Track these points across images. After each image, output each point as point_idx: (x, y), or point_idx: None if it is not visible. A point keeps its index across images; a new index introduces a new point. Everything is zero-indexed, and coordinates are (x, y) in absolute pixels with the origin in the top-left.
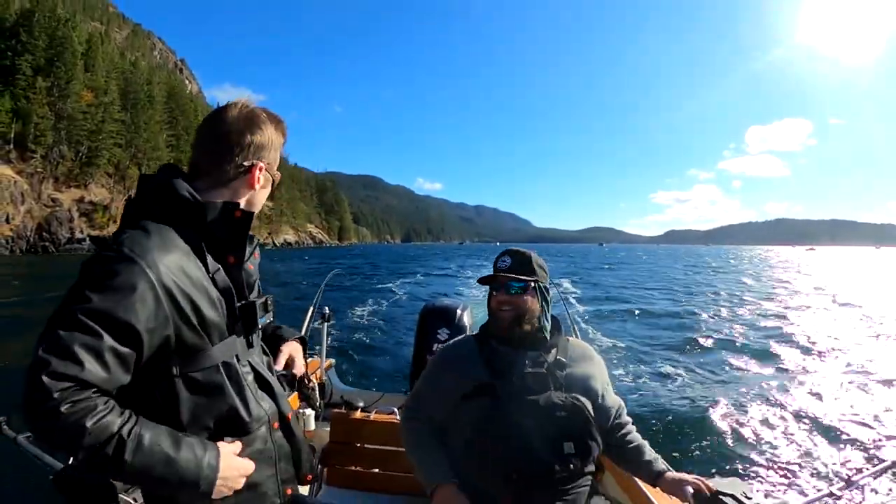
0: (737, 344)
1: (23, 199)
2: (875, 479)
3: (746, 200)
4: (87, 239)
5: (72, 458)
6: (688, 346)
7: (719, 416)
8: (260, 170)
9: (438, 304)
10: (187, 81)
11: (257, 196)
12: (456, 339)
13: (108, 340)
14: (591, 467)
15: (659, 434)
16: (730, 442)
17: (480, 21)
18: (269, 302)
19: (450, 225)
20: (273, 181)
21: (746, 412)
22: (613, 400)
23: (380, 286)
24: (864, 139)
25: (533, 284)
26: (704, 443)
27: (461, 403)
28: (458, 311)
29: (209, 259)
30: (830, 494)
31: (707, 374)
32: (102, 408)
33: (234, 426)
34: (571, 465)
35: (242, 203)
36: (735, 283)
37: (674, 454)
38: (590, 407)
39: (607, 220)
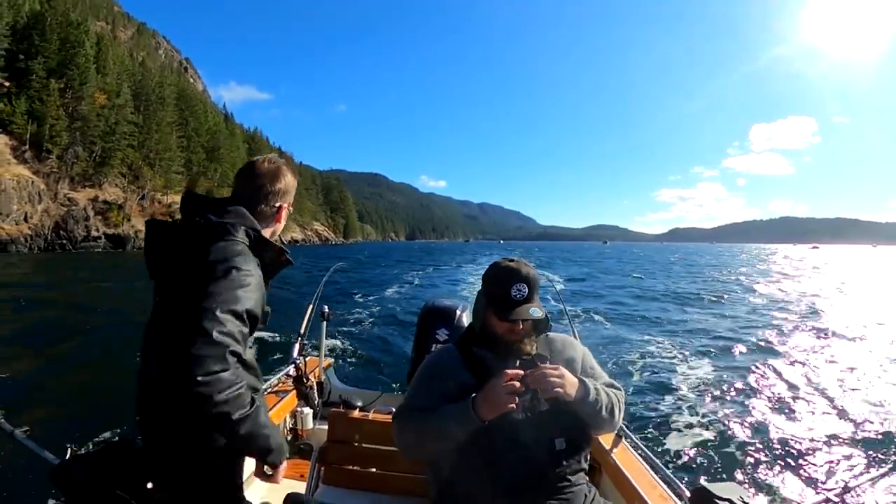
0: (732, 347)
1: (40, 199)
2: (873, 484)
3: (751, 198)
4: (103, 237)
5: (68, 453)
6: (682, 349)
7: (717, 420)
8: (283, 209)
9: (438, 303)
10: (192, 80)
11: (279, 228)
12: (436, 350)
13: (245, 329)
14: (585, 464)
15: (655, 439)
16: (727, 446)
17: (485, 21)
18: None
19: (454, 223)
20: (289, 214)
21: (744, 416)
22: (605, 380)
23: (382, 285)
24: (868, 137)
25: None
26: (701, 447)
27: None
28: (458, 312)
29: None
30: (827, 500)
31: (703, 377)
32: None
33: (257, 392)
34: (564, 462)
35: (269, 234)
36: (733, 283)
37: (670, 457)
38: None
39: (611, 218)
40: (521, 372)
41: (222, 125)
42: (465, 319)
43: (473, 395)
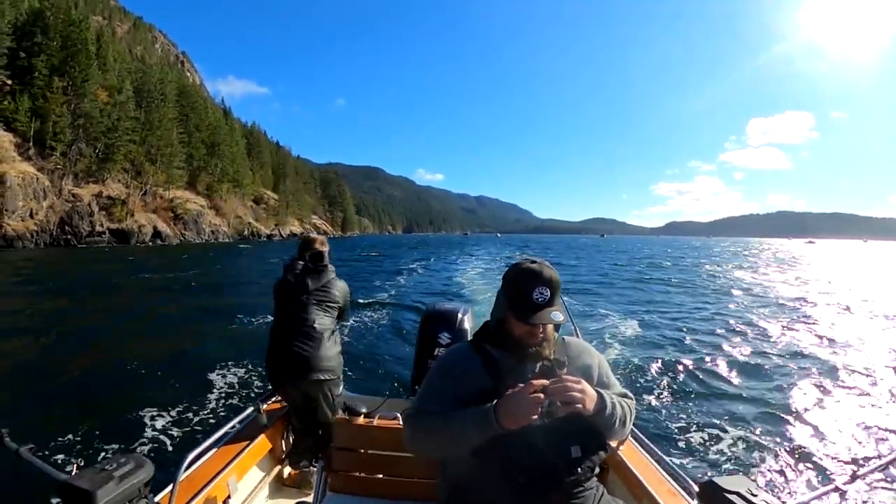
0: (738, 340)
1: (45, 195)
2: (880, 472)
3: (748, 192)
4: (107, 232)
5: (74, 469)
6: (687, 343)
7: (724, 414)
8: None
9: (440, 307)
10: (188, 74)
11: None
12: (451, 347)
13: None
14: (598, 470)
15: (661, 434)
16: (735, 439)
17: (484, 17)
18: None
19: (451, 216)
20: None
21: (751, 409)
22: (617, 390)
23: (383, 284)
24: (866, 133)
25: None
26: (708, 441)
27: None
28: (460, 315)
29: None
30: (836, 489)
31: (709, 372)
32: None
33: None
34: (579, 469)
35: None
36: (728, 278)
37: (677, 452)
38: None
39: (609, 212)
40: (546, 382)
41: (222, 121)
42: (467, 322)
43: (495, 402)
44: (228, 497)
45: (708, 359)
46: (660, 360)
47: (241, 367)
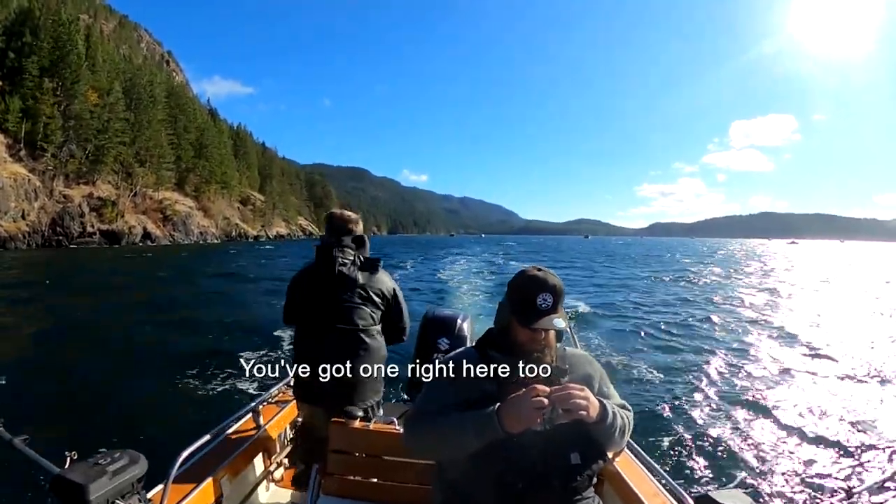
0: (733, 352)
1: (36, 196)
2: (877, 490)
3: (731, 194)
4: (98, 233)
5: (67, 462)
6: (682, 354)
7: (721, 427)
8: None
9: (439, 313)
10: (174, 73)
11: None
12: (456, 350)
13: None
14: (595, 478)
15: (657, 446)
16: (731, 453)
17: (469, 16)
18: None
19: (436, 217)
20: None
21: (748, 424)
22: (617, 401)
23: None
24: (848, 135)
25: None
26: (704, 454)
27: None
28: (459, 321)
29: None
30: None
31: (705, 385)
32: None
33: None
34: (578, 477)
35: None
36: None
37: (673, 465)
38: None
39: (593, 213)
40: (547, 389)
41: (209, 122)
42: (466, 329)
43: (497, 405)
44: (221, 496)
45: (704, 370)
46: (657, 372)
47: (240, 365)
